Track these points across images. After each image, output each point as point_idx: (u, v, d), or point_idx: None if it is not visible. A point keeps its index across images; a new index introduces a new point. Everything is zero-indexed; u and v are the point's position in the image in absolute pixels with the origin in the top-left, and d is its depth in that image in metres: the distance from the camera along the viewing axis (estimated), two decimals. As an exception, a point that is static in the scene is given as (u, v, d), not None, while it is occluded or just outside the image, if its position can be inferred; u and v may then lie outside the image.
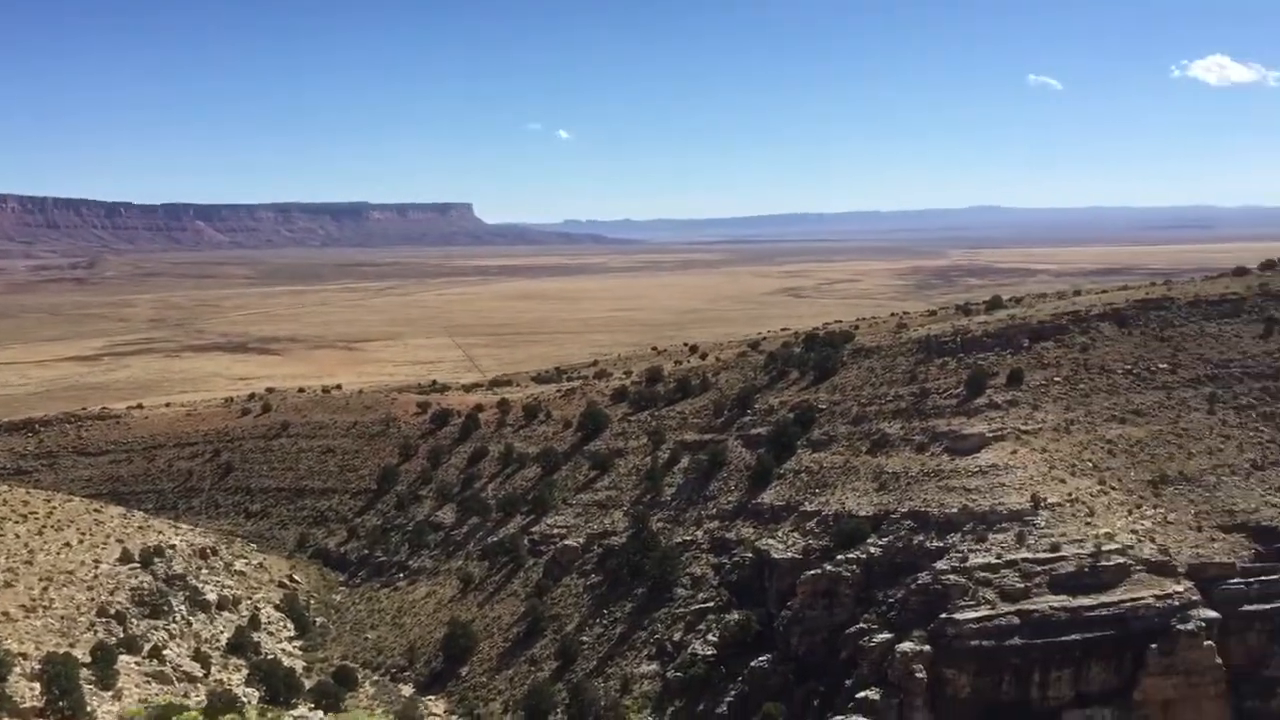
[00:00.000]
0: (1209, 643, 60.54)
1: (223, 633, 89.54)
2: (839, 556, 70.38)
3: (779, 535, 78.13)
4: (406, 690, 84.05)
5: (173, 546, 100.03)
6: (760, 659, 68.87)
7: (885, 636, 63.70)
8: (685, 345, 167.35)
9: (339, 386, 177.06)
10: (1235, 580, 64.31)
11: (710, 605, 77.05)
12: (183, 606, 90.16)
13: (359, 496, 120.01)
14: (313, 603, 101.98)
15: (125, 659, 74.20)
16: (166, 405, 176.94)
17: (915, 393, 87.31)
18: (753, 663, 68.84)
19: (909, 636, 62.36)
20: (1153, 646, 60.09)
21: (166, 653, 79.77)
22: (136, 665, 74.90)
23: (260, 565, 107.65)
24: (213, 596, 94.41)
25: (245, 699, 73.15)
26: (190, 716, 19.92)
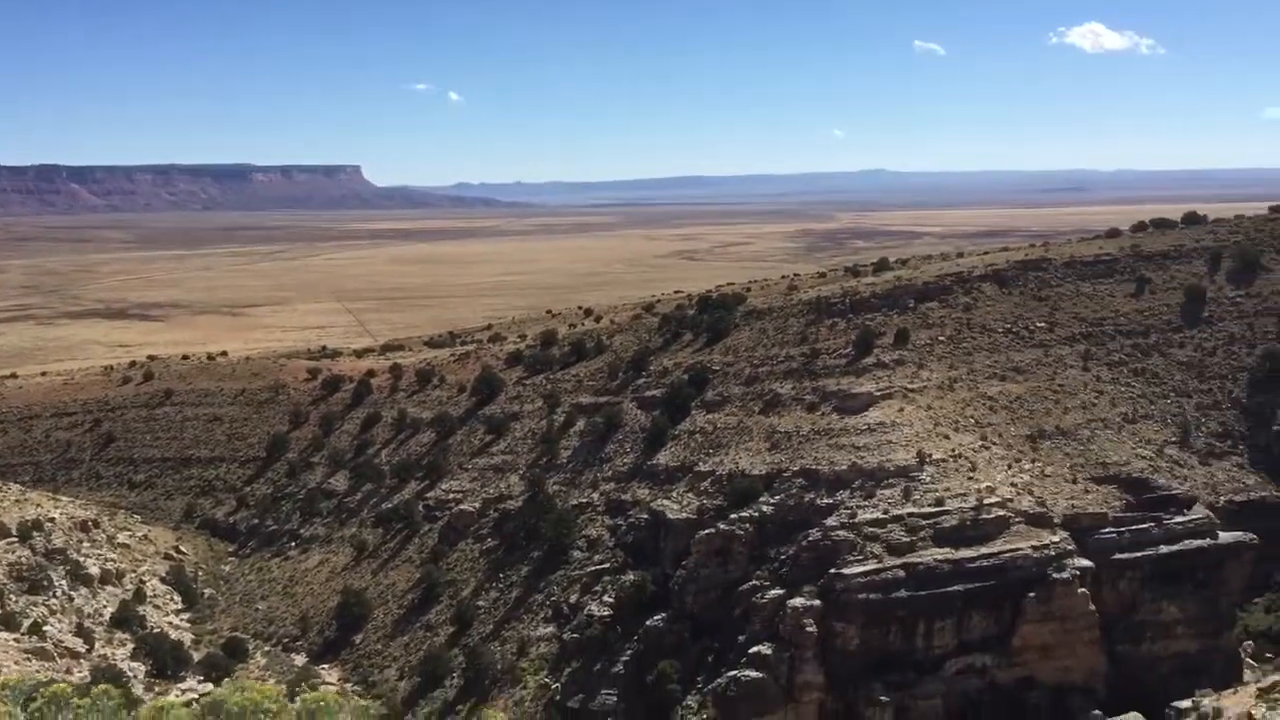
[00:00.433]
0: (1083, 590, 63.24)
1: (106, 607, 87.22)
2: (732, 515, 71.52)
3: (674, 496, 79.01)
4: (299, 660, 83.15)
5: (52, 520, 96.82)
6: (655, 618, 69.74)
7: (777, 592, 65.09)
8: (580, 308, 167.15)
9: (225, 353, 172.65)
10: (1108, 530, 67.18)
11: (606, 567, 77.72)
12: (63, 581, 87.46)
13: (248, 465, 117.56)
14: (200, 574, 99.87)
15: (3, 636, 71.98)
16: (43, 374, 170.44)
17: (806, 353, 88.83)
18: (648, 622, 69.67)
19: (800, 592, 63.82)
20: (1030, 595, 62.53)
21: (47, 629, 77.46)
22: (15, 642, 72.64)
23: (145, 537, 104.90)
24: (95, 570, 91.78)
25: (131, 673, 71.54)
26: (59, 689, 19.28)
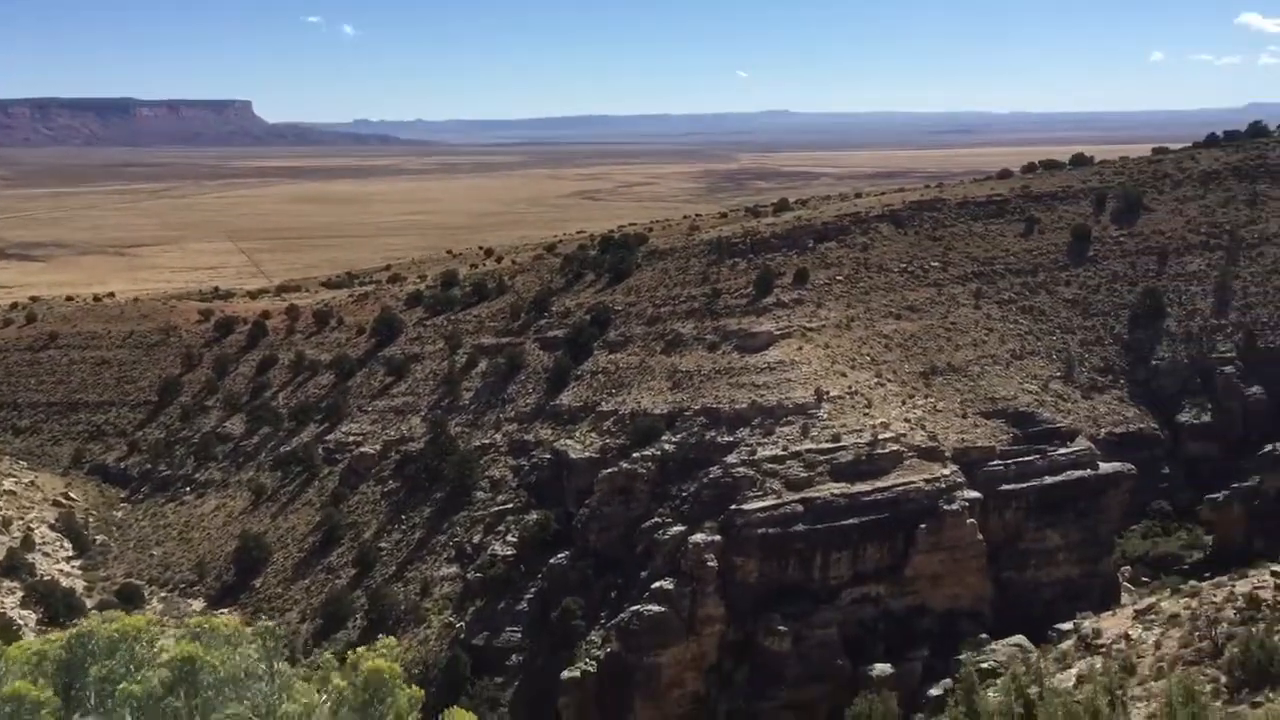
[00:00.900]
0: (971, 520, 65.61)
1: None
2: (635, 454, 72.25)
3: (577, 435, 79.42)
4: (197, 605, 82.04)
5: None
6: (559, 556, 70.40)
7: (679, 529, 66.18)
8: (481, 249, 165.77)
9: (112, 294, 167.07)
10: (995, 462, 69.69)
11: (509, 507, 77.99)
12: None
13: (139, 409, 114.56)
14: (92, 520, 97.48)
15: (-118, 589, 69.45)
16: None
17: (707, 293, 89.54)
18: (552, 560, 70.32)
19: (701, 528, 64.97)
20: (922, 526, 64.66)
21: (-71, 580, 75.04)
22: (-105, 595, 70.24)
23: (32, 484, 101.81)
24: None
25: (21, 622, 69.90)
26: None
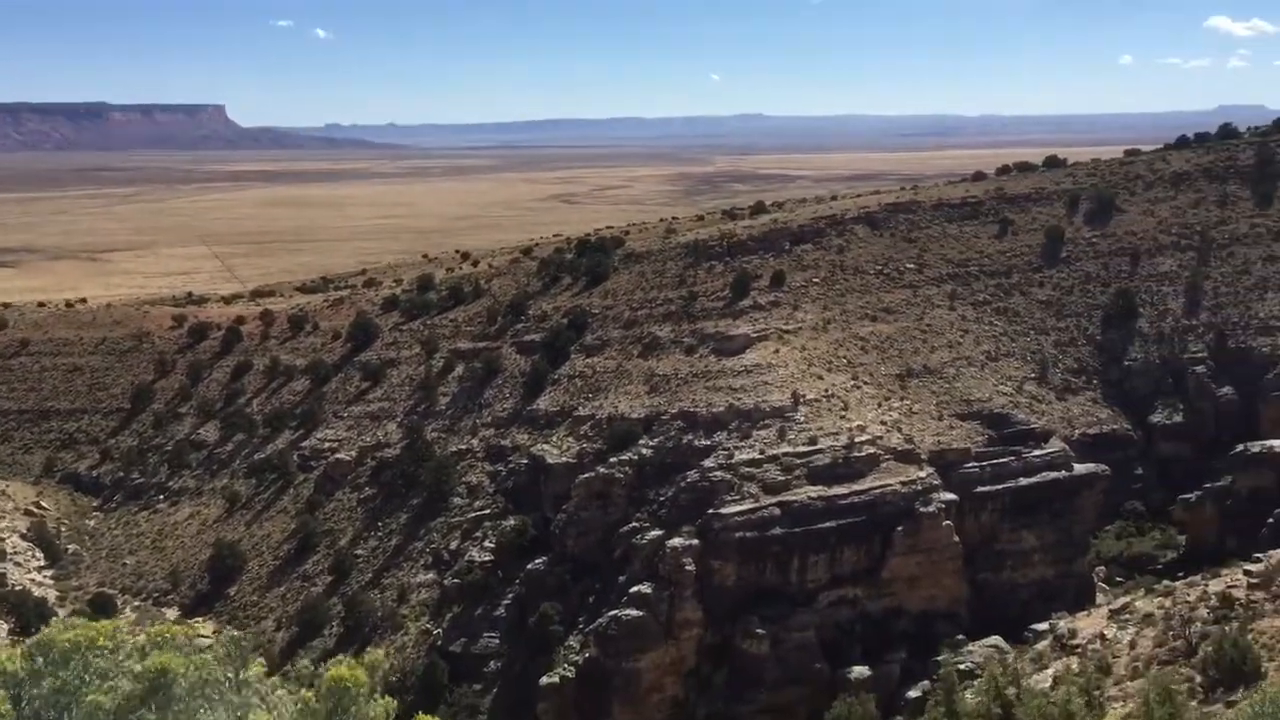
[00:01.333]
0: (947, 522, 65.90)
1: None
2: (612, 459, 72.16)
3: (554, 440, 79.22)
4: (171, 614, 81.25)
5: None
6: (536, 562, 70.23)
7: (656, 533, 66.15)
8: (457, 253, 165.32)
9: (84, 300, 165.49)
10: (970, 464, 70.00)
11: (487, 512, 77.71)
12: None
13: (111, 416, 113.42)
14: (64, 530, 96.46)
15: None
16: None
17: (684, 296, 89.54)
18: (529, 566, 70.12)
19: (678, 532, 64.96)
20: (899, 529, 64.88)
21: (-102, 591, 74.09)
22: None
23: (3, 493, 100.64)
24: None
25: (-8, 634, 69.17)
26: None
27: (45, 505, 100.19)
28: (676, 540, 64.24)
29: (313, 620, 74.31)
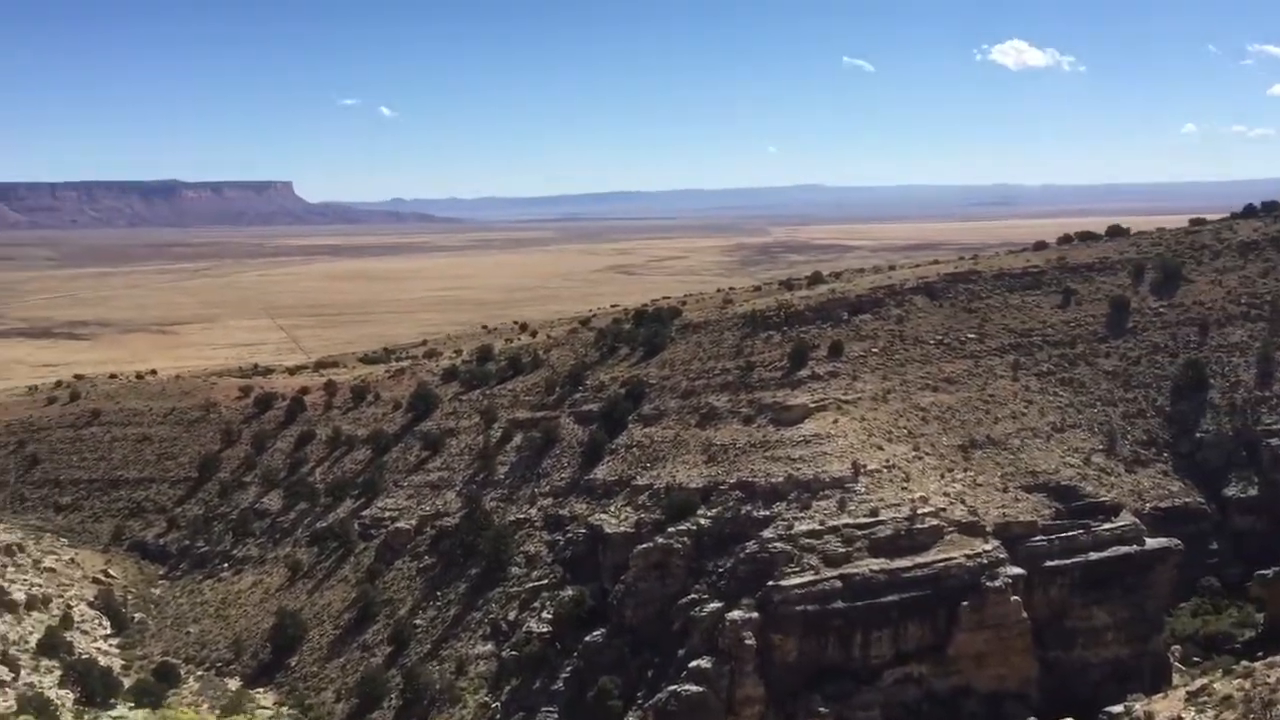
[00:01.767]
0: (1015, 598, 64.28)
1: (32, 633, 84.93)
2: (670, 529, 71.63)
3: (612, 510, 78.96)
4: (233, 684, 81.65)
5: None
6: (595, 634, 69.58)
7: (716, 605, 65.26)
8: (516, 323, 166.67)
9: (154, 372, 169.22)
10: (1038, 538, 68.42)
11: (545, 582, 77.38)
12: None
13: (179, 485, 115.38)
14: (130, 598, 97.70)
15: (-78, 667, 69.71)
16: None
17: (741, 366, 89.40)
18: (587, 638, 69.48)
19: (738, 605, 64.04)
20: (964, 604, 63.39)
21: (-32, 658, 75.27)
22: (-65, 673, 70.44)
23: (72, 561, 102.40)
24: (20, 596, 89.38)
25: (59, 701, 69.88)
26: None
27: (113, 573, 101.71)
28: (736, 613, 63.36)
29: (372, 692, 74.16)
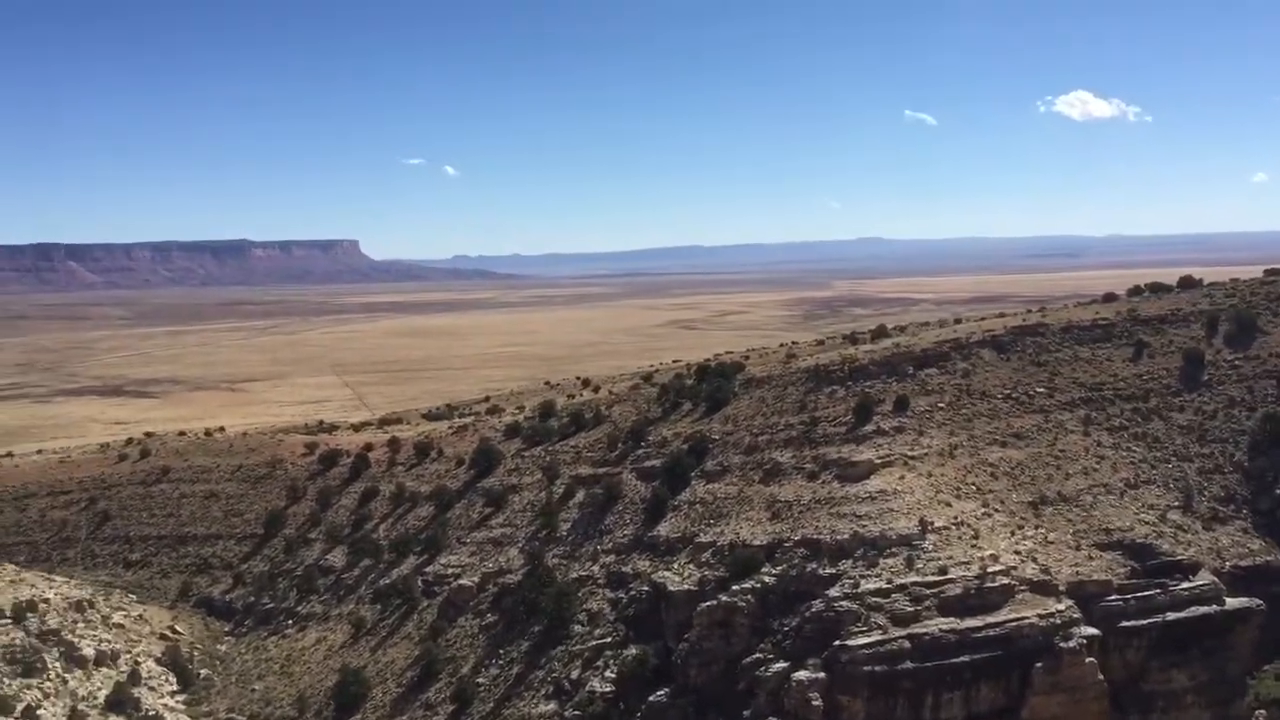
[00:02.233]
0: (1090, 659, 62.43)
1: (101, 689, 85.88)
2: (734, 587, 70.74)
3: (675, 567, 78.25)
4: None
5: (46, 600, 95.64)
6: (659, 693, 68.70)
7: (781, 665, 64.20)
8: (578, 379, 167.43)
9: (222, 429, 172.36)
10: (1113, 597, 66.49)
11: (608, 641, 76.66)
12: (58, 663, 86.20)
13: (245, 542, 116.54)
14: (196, 654, 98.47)
15: (-5, 722, 70.68)
16: (38, 452, 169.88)
17: (805, 421, 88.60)
18: (651, 698, 68.62)
19: (804, 665, 62.94)
20: (1038, 665, 61.69)
21: (40, 713, 76.29)
22: (7, 728, 71.37)
23: (140, 617, 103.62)
24: (90, 651, 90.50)
25: (125, 758, 70.36)
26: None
27: (180, 629, 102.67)
28: (802, 674, 62.22)
29: (433, 750, 73.74)
